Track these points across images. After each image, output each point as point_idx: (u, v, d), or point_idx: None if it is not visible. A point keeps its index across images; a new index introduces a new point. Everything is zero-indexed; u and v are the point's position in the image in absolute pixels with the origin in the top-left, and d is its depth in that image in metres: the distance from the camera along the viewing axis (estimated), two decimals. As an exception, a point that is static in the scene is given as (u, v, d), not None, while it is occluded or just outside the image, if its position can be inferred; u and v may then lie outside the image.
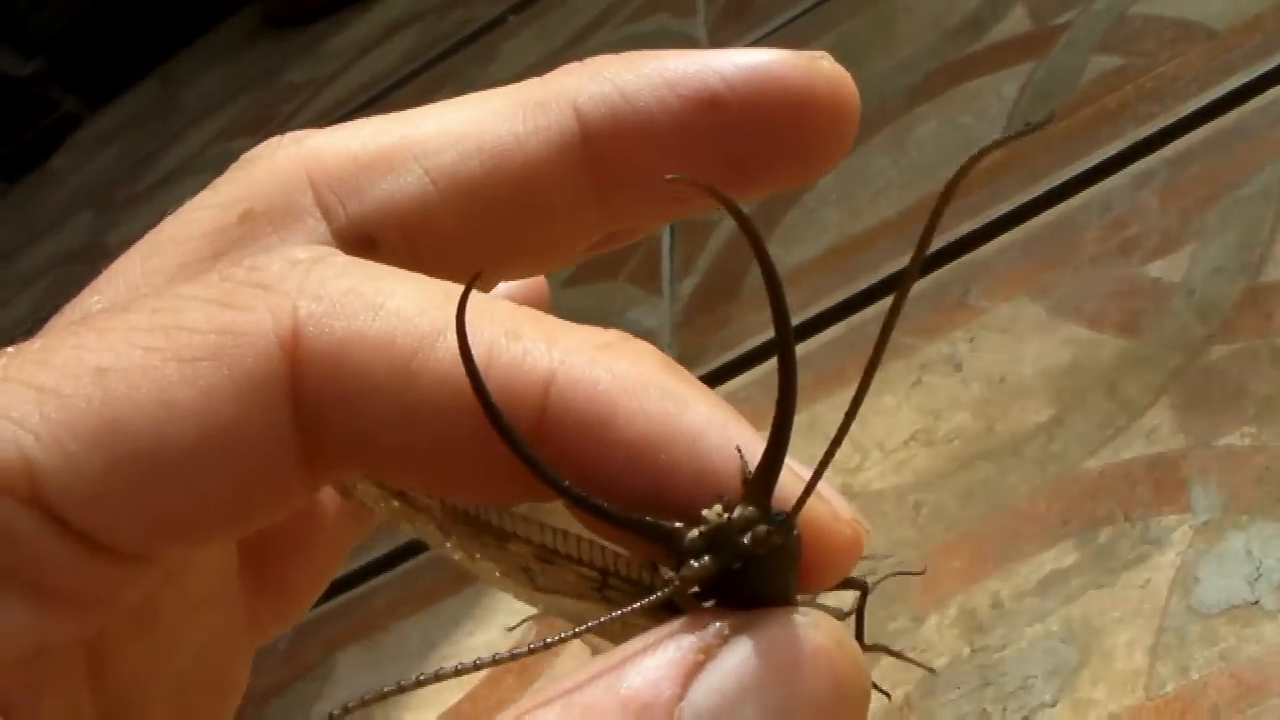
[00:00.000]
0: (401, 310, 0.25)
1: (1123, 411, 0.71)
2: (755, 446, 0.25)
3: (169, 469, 0.24)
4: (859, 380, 0.25)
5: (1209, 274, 0.75)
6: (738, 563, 0.24)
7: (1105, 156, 0.87)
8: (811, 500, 0.25)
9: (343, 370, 0.25)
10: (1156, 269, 0.77)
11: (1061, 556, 0.67)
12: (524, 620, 0.43)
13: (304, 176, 0.30)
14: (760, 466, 0.24)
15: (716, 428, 0.25)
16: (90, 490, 0.24)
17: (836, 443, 0.25)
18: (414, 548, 0.98)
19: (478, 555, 0.29)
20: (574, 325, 0.26)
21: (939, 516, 0.73)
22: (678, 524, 0.24)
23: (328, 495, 0.34)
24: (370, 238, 0.30)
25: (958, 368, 0.80)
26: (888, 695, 0.29)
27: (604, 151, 0.30)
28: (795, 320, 0.89)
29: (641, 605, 0.24)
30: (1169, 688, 0.60)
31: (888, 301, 0.86)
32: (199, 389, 0.24)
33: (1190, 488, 0.66)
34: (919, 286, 0.87)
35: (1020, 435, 0.74)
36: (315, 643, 0.98)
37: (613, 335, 0.26)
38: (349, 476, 0.31)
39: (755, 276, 0.95)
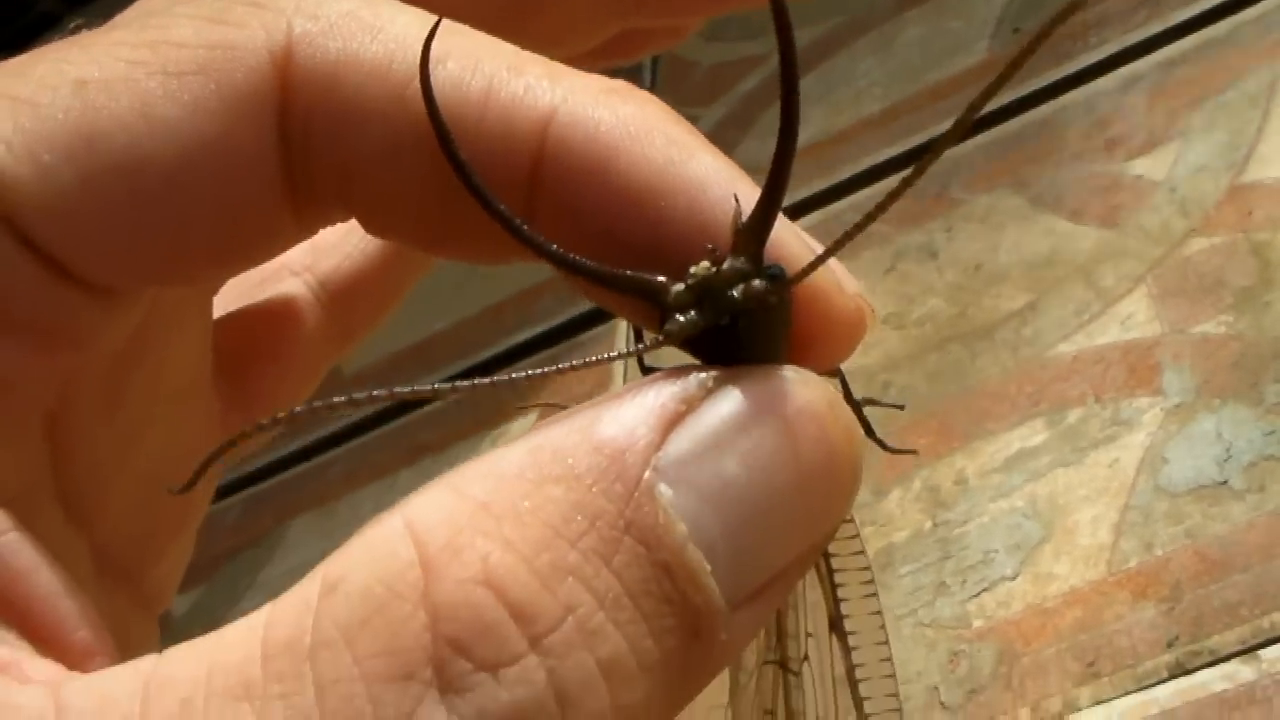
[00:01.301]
0: (401, 36, 0.24)
1: (1099, 299, 0.70)
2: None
3: (148, 187, 0.23)
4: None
5: (1192, 172, 0.74)
6: (725, 318, 0.22)
7: (1093, 60, 0.86)
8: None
9: (334, 93, 0.24)
10: (1140, 166, 0.77)
11: (1029, 435, 0.66)
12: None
13: None
14: (753, 215, 0.22)
15: (721, 180, 0.23)
16: (63, 207, 0.23)
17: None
18: (370, 422, 0.97)
19: None
20: (580, 71, 0.25)
21: (907, 396, 0.72)
22: (663, 279, 0.23)
23: (306, 305, 0.33)
24: None
25: (933, 255, 0.79)
26: (900, 407, 0.28)
27: None
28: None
29: (623, 357, 0.23)
30: (1131, 563, 0.59)
31: (865, 192, 0.86)
32: (184, 104, 0.23)
33: (1163, 372, 0.65)
34: (896, 179, 0.86)
35: (993, 320, 0.73)
36: (268, 511, 0.97)
37: (620, 83, 0.25)
38: None
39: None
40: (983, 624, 0.61)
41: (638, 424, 0.21)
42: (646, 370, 0.25)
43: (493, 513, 0.20)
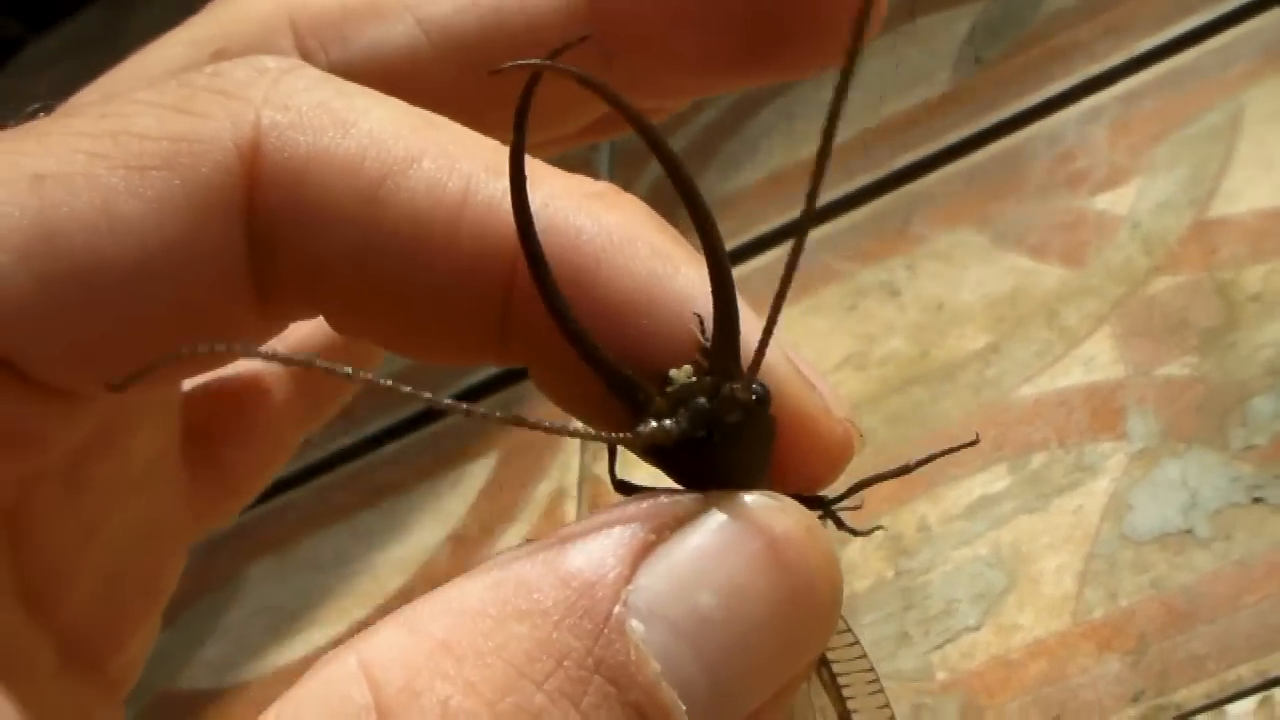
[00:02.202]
0: (374, 131, 0.23)
1: (1061, 339, 0.70)
2: (746, 319, 0.23)
3: (109, 288, 0.22)
4: (792, 304, 0.23)
5: (1155, 208, 0.73)
6: (701, 431, 0.22)
7: (1056, 92, 0.85)
8: (805, 390, 0.23)
9: (304, 190, 0.23)
10: (1103, 202, 0.76)
11: (992, 481, 0.66)
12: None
13: (285, 17, 0.28)
14: (716, 332, 0.22)
15: (703, 298, 0.23)
16: (19, 310, 0.22)
17: (777, 306, 0.23)
18: (329, 462, 0.96)
19: None
20: (562, 171, 0.24)
21: (868, 440, 0.71)
22: (649, 388, 0.22)
23: (275, 381, 0.32)
24: None
25: (895, 294, 0.78)
26: (857, 507, 0.27)
27: (610, 17, 0.28)
28: (732, 244, 0.87)
29: (599, 439, 0.22)
30: (1097, 614, 0.58)
31: (828, 227, 0.85)
32: (146, 200, 0.22)
33: (1127, 415, 0.64)
34: (857, 214, 0.85)
35: (955, 361, 0.72)
36: (227, 554, 0.95)
37: (605, 186, 0.24)
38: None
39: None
40: (946, 676, 0.60)
41: (606, 555, 0.20)
42: (618, 484, 0.24)
43: (453, 652, 0.19)
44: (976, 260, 0.77)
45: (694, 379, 0.22)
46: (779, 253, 0.87)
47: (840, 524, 0.28)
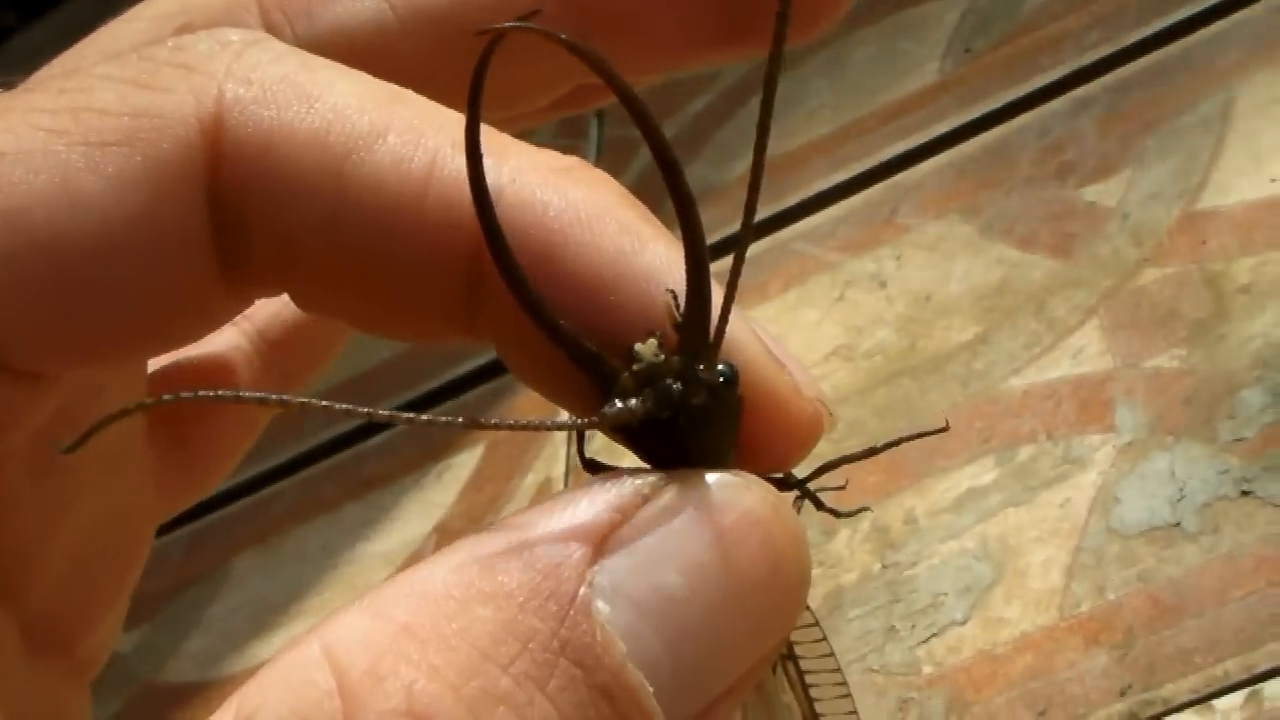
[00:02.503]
0: (339, 106, 0.23)
1: (1050, 331, 0.69)
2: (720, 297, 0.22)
3: (71, 267, 0.22)
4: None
5: (1145, 199, 0.73)
6: (667, 412, 0.21)
7: (1046, 82, 0.85)
8: (774, 369, 0.23)
9: (268, 165, 0.23)
10: (1092, 193, 0.75)
11: (980, 474, 0.65)
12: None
13: None
14: (687, 310, 0.22)
15: (675, 271, 0.22)
16: None
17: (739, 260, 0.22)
18: (316, 454, 0.95)
19: None
20: (533, 148, 0.24)
21: (856, 431, 0.71)
22: (615, 364, 0.22)
23: (242, 358, 0.32)
24: None
25: (883, 284, 0.78)
26: (841, 487, 0.27)
27: None
28: (722, 234, 0.87)
29: (566, 428, 0.22)
30: (1084, 607, 0.58)
31: (816, 218, 0.85)
32: (107, 177, 0.22)
33: (1116, 407, 0.64)
34: (846, 204, 0.85)
35: (944, 353, 0.72)
36: (212, 546, 0.95)
37: (573, 161, 0.24)
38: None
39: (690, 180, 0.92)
40: (933, 670, 0.60)
41: (571, 536, 0.20)
42: (587, 463, 0.24)
43: (417, 636, 0.19)
44: (964, 250, 0.77)
45: (660, 356, 0.22)
46: (768, 242, 0.86)
47: (819, 504, 0.28)
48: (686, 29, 0.29)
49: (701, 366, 0.22)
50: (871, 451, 0.29)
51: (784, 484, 0.25)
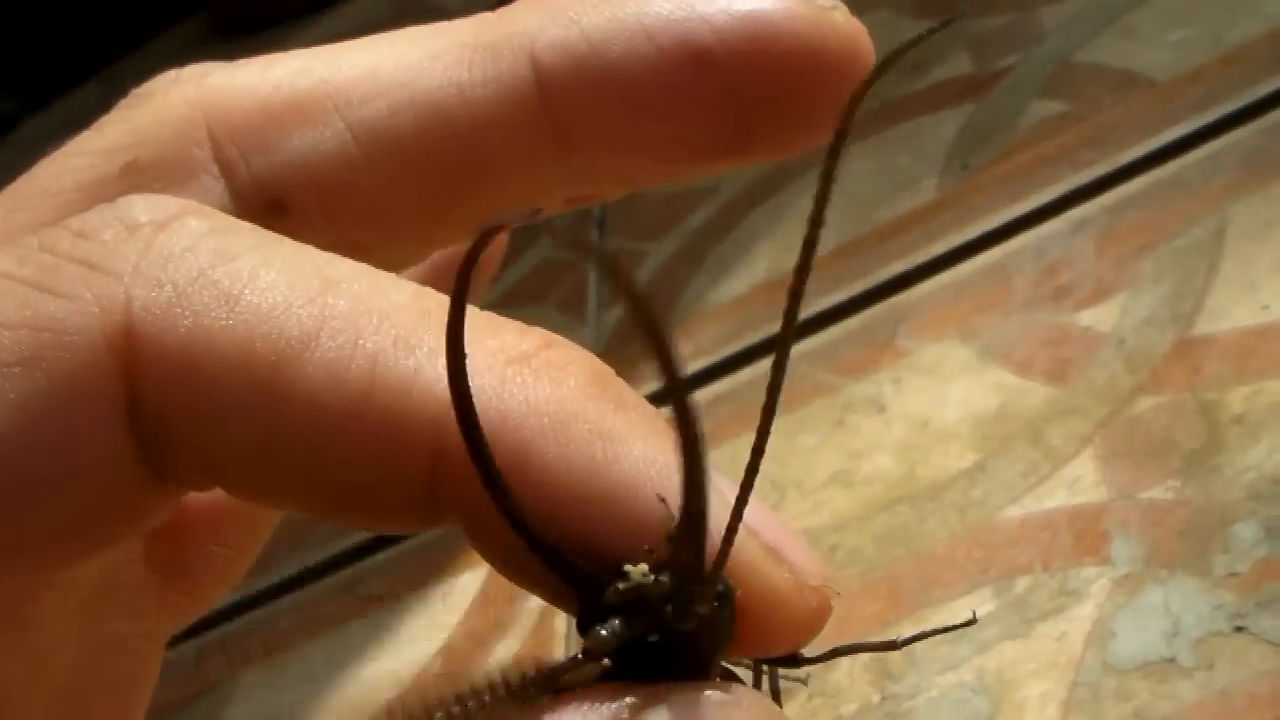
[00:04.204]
0: (262, 306, 0.21)
1: (1046, 460, 0.70)
2: (717, 496, 0.21)
3: None
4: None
5: (1140, 324, 0.74)
6: (654, 635, 0.20)
7: (1043, 201, 0.86)
8: (775, 573, 0.22)
9: (190, 382, 0.21)
10: (1088, 317, 0.76)
11: (977, 604, 0.65)
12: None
13: (201, 124, 0.26)
14: (681, 534, 0.20)
15: (655, 479, 0.21)
16: None
17: (744, 500, 0.21)
18: (320, 570, 0.96)
19: None
20: (488, 324, 0.22)
21: (855, 559, 0.71)
22: (601, 577, 0.21)
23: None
24: (279, 201, 0.26)
25: (881, 409, 0.78)
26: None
27: (565, 108, 0.26)
28: (721, 354, 0.87)
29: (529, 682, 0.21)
30: (1080, 744, 0.58)
31: (815, 340, 0.85)
32: (9, 403, 0.20)
33: (1111, 539, 0.64)
34: (846, 325, 0.85)
35: (942, 480, 0.72)
36: (220, 658, 0.95)
37: (533, 343, 0.22)
38: None
39: (680, 307, 0.93)
40: (932, 806, 0.60)
41: None
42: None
43: None
44: (962, 375, 0.77)
45: (650, 577, 0.20)
46: (767, 362, 0.87)
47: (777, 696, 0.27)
48: (675, 141, 0.27)
49: (695, 590, 0.21)
50: (892, 645, 0.29)
51: (779, 663, 0.25)
